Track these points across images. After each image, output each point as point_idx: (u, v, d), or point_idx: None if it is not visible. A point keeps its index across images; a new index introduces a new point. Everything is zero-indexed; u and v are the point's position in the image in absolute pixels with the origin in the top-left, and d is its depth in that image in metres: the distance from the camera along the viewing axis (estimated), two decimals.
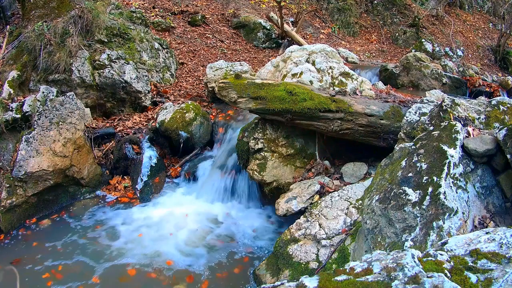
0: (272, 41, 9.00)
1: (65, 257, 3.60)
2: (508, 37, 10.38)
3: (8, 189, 3.93)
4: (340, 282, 1.20)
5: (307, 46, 5.00)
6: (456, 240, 1.41)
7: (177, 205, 4.50)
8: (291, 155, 4.14)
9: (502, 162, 2.12)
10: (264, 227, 4.18)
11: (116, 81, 5.31)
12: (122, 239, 3.88)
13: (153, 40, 6.45)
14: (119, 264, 3.52)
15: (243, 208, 4.47)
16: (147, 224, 4.12)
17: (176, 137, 5.00)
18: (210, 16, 9.31)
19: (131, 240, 3.87)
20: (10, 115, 4.23)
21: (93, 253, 3.66)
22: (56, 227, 4.09)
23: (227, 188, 4.60)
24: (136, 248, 3.73)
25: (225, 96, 4.06)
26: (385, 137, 3.70)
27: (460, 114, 2.54)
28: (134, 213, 4.32)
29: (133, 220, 4.19)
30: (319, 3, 11.00)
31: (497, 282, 1.13)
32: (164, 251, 3.70)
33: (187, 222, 4.19)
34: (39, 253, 3.65)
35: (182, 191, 4.80)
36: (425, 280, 1.11)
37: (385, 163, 2.50)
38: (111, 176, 4.89)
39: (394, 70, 7.42)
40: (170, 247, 3.76)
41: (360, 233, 2.60)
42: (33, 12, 5.20)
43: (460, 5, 12.48)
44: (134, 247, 3.75)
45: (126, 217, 4.23)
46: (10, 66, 4.90)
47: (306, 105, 3.69)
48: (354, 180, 3.82)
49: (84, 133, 4.68)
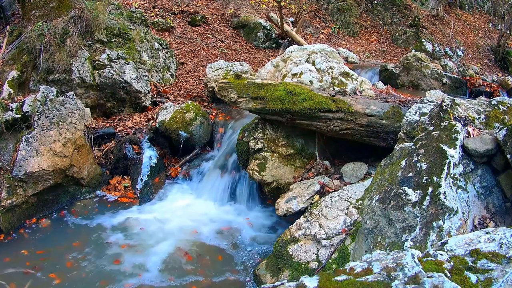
0: (272, 41, 9.00)
1: (65, 257, 3.60)
2: (508, 37, 10.38)
3: (8, 189, 3.93)
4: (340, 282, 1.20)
5: (307, 46, 5.00)
6: (456, 240, 1.41)
7: (177, 205, 4.50)
8: (291, 155, 4.14)
9: (502, 162, 2.12)
10: (264, 227, 4.18)
11: (116, 81, 5.31)
12: (122, 239, 3.87)
13: (153, 40, 6.45)
14: (119, 264, 3.52)
15: (243, 208, 4.47)
16: (147, 224, 4.12)
17: (176, 137, 5.00)
18: (210, 16, 9.31)
19: (131, 240, 3.86)
20: (10, 115, 4.23)
21: (93, 253, 3.65)
22: (56, 227, 4.09)
23: (227, 188, 4.60)
24: (136, 248, 3.73)
25: (225, 96, 4.06)
26: (385, 137, 3.70)
27: (460, 114, 2.54)
28: (134, 213, 4.32)
29: (133, 220, 4.19)
30: (319, 3, 11.00)
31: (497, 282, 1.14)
32: (164, 251, 3.70)
33: (187, 221, 4.19)
34: (39, 253, 3.65)
35: (182, 191, 4.80)
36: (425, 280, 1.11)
37: (385, 163, 2.50)
38: (111, 176, 4.89)
39: (394, 70, 7.42)
40: (169, 247, 3.76)
41: (360, 233, 2.60)
42: (33, 12, 5.20)
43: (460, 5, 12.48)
44: (134, 247, 3.75)
45: (126, 217, 4.23)
46: (10, 66, 4.90)
47: (306, 105, 3.69)
48: (354, 180, 3.82)
49: (84, 133, 4.68)
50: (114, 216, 4.25)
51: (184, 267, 3.52)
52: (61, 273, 3.39)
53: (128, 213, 4.33)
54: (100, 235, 3.94)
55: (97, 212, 4.34)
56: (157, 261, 3.57)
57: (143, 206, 4.48)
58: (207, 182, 4.74)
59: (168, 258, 3.62)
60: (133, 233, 3.98)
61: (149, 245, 3.79)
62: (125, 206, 4.47)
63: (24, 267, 3.46)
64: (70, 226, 4.10)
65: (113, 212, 4.35)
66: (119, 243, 3.81)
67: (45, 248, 3.73)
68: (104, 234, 3.95)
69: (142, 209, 4.42)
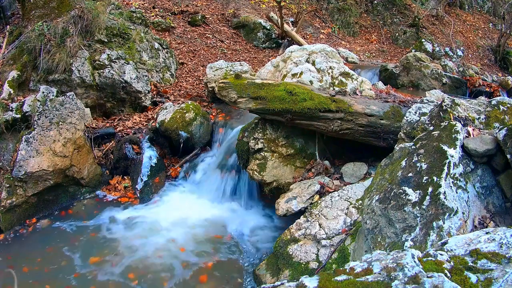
0: (272, 41, 9.00)
1: (65, 257, 3.60)
2: (508, 37, 10.38)
3: (8, 189, 3.93)
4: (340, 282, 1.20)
5: (307, 46, 5.00)
6: (456, 240, 1.41)
7: (177, 205, 4.50)
8: (291, 155, 4.14)
9: (502, 162, 2.12)
10: (264, 227, 4.18)
11: (116, 81, 5.31)
12: (122, 239, 3.88)
13: (153, 40, 6.45)
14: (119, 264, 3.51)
15: (243, 208, 4.47)
16: (147, 224, 4.12)
17: (176, 137, 5.00)
18: (210, 16, 9.31)
19: (131, 239, 3.86)
20: (10, 115, 4.23)
21: (93, 253, 3.66)
22: (56, 227, 4.09)
23: (227, 188, 4.60)
24: (135, 248, 3.73)
25: (225, 96, 4.06)
26: (385, 137, 3.70)
27: (460, 114, 2.54)
28: (134, 213, 4.32)
29: (133, 220, 4.19)
30: (319, 3, 11.00)
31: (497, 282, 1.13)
32: (163, 250, 3.70)
33: (187, 221, 4.20)
34: (39, 253, 3.65)
35: (182, 191, 4.80)
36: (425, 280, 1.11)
37: (385, 163, 2.50)
38: (111, 176, 4.89)
39: (394, 70, 7.42)
40: (169, 247, 3.76)
41: (360, 233, 2.60)
42: (33, 12, 5.19)
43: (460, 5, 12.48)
44: (133, 247, 3.75)
45: (126, 217, 4.23)
46: (10, 66, 4.90)
47: (306, 105, 3.69)
48: (354, 180, 3.82)
49: (84, 133, 4.68)
50: (114, 216, 4.25)
51: (184, 268, 3.52)
52: (61, 273, 3.39)
53: (128, 213, 4.33)
54: (100, 235, 3.94)
55: (97, 212, 4.34)
56: (156, 261, 3.57)
57: (143, 206, 4.48)
58: (207, 182, 4.74)
59: (168, 257, 3.62)
60: (133, 233, 3.98)
61: (148, 245, 3.79)
62: (125, 206, 4.47)
63: (24, 267, 3.46)
64: (70, 226, 4.10)
65: (113, 212, 4.35)
66: (119, 243, 3.81)
67: (44, 248, 3.73)
68: (104, 234, 3.96)
69: (142, 209, 4.42)
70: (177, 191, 4.80)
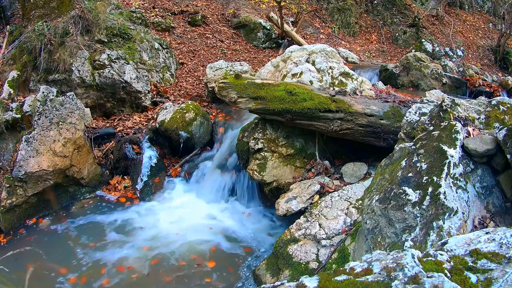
0: (272, 41, 8.99)
1: (65, 257, 3.60)
2: (508, 37, 10.38)
3: (8, 189, 3.93)
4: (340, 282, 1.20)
5: (307, 46, 5.00)
6: (456, 240, 1.41)
7: (177, 205, 4.50)
8: (291, 155, 4.14)
9: (502, 162, 2.12)
10: (264, 227, 4.18)
11: (116, 81, 5.31)
12: (122, 239, 3.88)
13: (153, 40, 6.45)
14: (119, 264, 3.52)
15: (243, 208, 4.47)
16: (147, 224, 4.12)
17: (176, 137, 5.00)
18: (210, 16, 9.30)
19: (131, 239, 3.86)
20: (10, 115, 4.23)
21: (93, 253, 3.65)
22: (56, 227, 4.09)
23: (227, 188, 4.60)
24: (135, 248, 3.73)
25: (225, 96, 4.06)
26: (385, 137, 3.70)
27: (460, 114, 2.54)
28: (134, 213, 4.32)
29: (133, 220, 4.19)
30: (319, 3, 11.00)
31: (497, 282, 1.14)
32: (163, 250, 3.70)
33: (187, 221, 4.19)
34: (39, 253, 3.65)
35: (182, 191, 4.80)
36: (425, 280, 1.11)
37: (385, 163, 2.50)
38: (111, 176, 4.89)
39: (394, 70, 7.42)
40: (169, 247, 3.76)
41: (360, 233, 2.60)
42: (33, 12, 5.19)
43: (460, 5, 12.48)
44: (133, 247, 3.75)
45: (126, 217, 4.23)
46: (10, 66, 4.90)
47: (306, 105, 3.69)
48: (354, 180, 3.82)
49: (84, 133, 4.68)
50: (114, 216, 4.25)
51: (183, 267, 3.52)
52: (60, 273, 3.39)
53: (128, 213, 4.33)
54: (100, 235, 3.94)
55: (97, 212, 4.34)
56: (156, 260, 3.57)
57: (143, 206, 4.48)
58: (207, 182, 4.74)
59: (168, 257, 3.62)
60: (133, 233, 3.98)
61: (148, 244, 3.79)
62: (125, 206, 4.47)
63: (24, 266, 3.46)
64: (70, 226, 4.10)
65: (113, 212, 4.35)
66: (119, 243, 3.81)
67: (44, 248, 3.73)
68: (104, 234, 3.95)
69: (142, 209, 4.42)
70: (177, 191, 4.80)
